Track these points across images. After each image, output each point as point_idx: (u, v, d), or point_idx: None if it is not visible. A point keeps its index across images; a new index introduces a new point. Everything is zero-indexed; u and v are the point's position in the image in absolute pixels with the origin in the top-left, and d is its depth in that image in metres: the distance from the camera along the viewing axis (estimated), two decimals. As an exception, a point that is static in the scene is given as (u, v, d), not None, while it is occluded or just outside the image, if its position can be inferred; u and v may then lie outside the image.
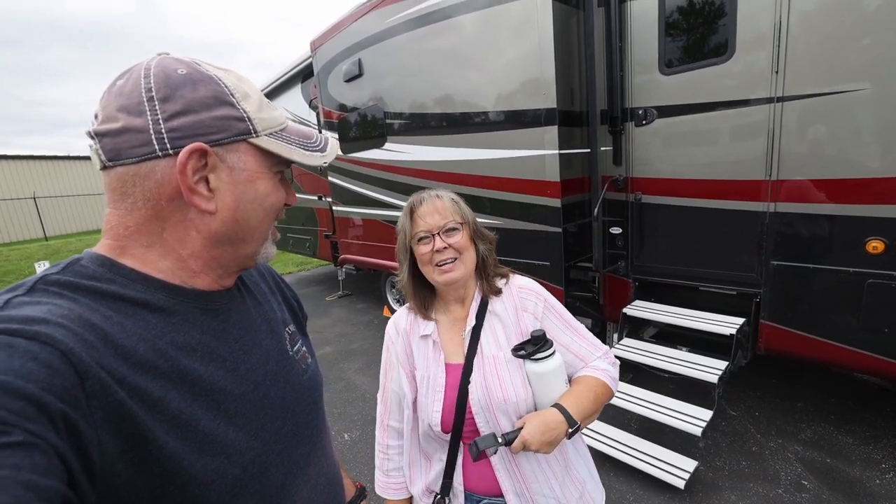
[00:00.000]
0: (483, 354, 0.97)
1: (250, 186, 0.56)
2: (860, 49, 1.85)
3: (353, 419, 2.97)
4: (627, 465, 2.24)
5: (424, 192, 1.01)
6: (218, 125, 0.52)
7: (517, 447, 0.84)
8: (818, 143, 2.01)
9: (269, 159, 0.57)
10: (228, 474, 0.51)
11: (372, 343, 4.41)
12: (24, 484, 0.33)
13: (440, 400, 0.95)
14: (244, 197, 0.56)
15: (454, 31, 3.04)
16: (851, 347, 2.04)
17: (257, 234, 0.59)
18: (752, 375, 3.04)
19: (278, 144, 0.57)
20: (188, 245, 0.55)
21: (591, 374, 1.00)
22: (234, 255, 0.59)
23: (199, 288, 0.57)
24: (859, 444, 2.32)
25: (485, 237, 1.03)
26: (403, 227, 1.00)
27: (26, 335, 0.39)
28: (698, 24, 2.31)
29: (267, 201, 0.58)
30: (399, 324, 1.08)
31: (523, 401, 0.92)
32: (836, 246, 2.02)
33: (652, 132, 2.54)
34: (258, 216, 0.58)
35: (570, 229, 2.78)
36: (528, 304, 1.00)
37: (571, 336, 1.02)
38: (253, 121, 0.55)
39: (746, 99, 2.17)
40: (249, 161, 0.55)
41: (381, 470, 1.12)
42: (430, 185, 3.57)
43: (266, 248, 0.62)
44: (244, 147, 0.55)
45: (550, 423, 0.86)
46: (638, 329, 2.78)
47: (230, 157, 0.54)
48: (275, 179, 0.59)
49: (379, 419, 1.13)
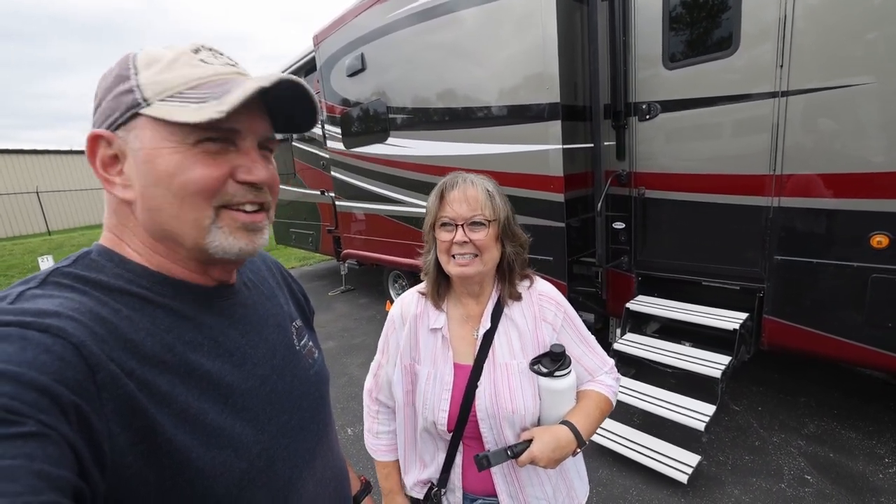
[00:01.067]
0: (495, 360, 0.94)
1: (150, 166, 0.49)
2: (865, 43, 1.83)
3: (356, 414, 2.99)
4: (630, 460, 2.24)
5: (460, 176, 0.94)
6: (112, 106, 0.49)
7: (524, 461, 0.83)
8: (823, 138, 2.00)
9: (177, 129, 0.48)
10: (236, 468, 0.51)
11: (374, 338, 4.40)
12: (37, 474, 0.34)
13: (447, 399, 0.93)
14: (146, 180, 0.49)
15: (457, 25, 3.02)
16: (855, 342, 2.04)
17: (179, 223, 0.51)
18: (754, 370, 3.04)
19: (168, 107, 0.48)
20: (140, 235, 0.53)
21: (597, 390, 0.98)
22: (179, 253, 0.53)
23: (195, 282, 0.56)
24: (863, 438, 2.32)
25: (515, 238, 0.96)
26: (431, 208, 0.95)
27: (39, 328, 0.40)
28: (702, 17, 2.30)
29: (174, 181, 0.49)
30: (407, 309, 1.03)
31: (531, 413, 0.91)
32: (840, 241, 2.02)
33: (656, 127, 2.53)
34: (167, 198, 0.49)
35: (573, 224, 2.78)
36: (548, 314, 0.97)
37: (584, 350, 1.01)
38: (142, 88, 0.48)
39: (751, 93, 2.16)
40: (145, 136, 0.49)
41: (371, 433, 1.10)
42: (432, 180, 3.57)
43: (214, 238, 0.52)
44: (141, 122, 0.49)
45: (562, 440, 0.85)
46: (641, 324, 2.79)
47: (130, 136, 0.49)
48: (189, 151, 0.49)
49: (368, 389, 1.12)
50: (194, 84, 0.49)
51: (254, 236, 0.55)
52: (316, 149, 5.39)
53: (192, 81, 0.49)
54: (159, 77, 0.48)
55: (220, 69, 0.52)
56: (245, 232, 0.54)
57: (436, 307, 1.00)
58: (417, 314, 1.02)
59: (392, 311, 1.06)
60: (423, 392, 0.96)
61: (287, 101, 0.56)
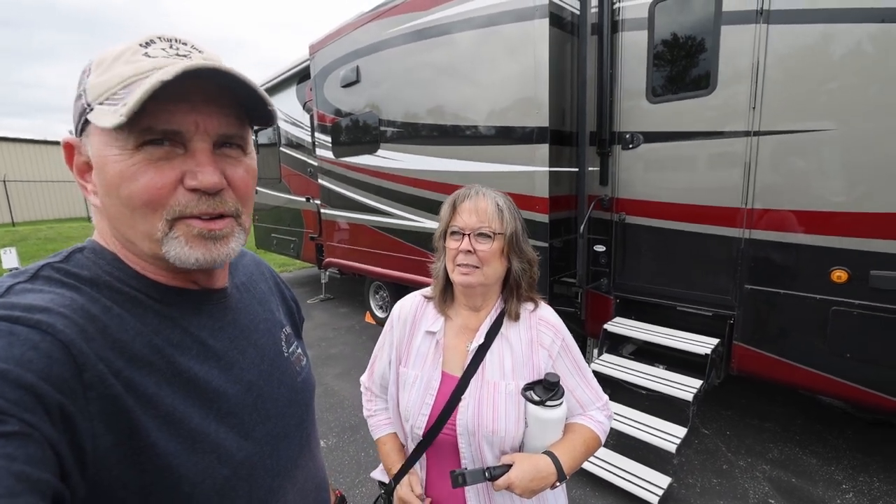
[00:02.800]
0: (483, 377, 0.92)
1: (101, 175, 0.47)
2: (828, 92, 1.99)
3: (331, 426, 2.93)
4: (603, 480, 2.27)
5: (473, 188, 0.96)
6: (74, 112, 0.49)
7: (500, 485, 0.82)
8: (790, 176, 2.13)
9: (118, 135, 0.45)
10: (218, 474, 0.50)
11: (353, 349, 4.37)
12: (17, 475, 0.33)
13: (430, 405, 0.93)
14: (101, 189, 0.48)
15: (452, 46, 3.11)
16: (816, 371, 2.14)
17: (135, 233, 0.48)
18: (724, 394, 3.14)
19: (100, 111, 0.45)
20: (117, 241, 0.52)
21: (587, 425, 0.96)
22: (144, 255, 0.51)
23: (183, 287, 0.55)
24: (822, 464, 2.42)
25: (523, 255, 0.96)
26: (444, 216, 0.97)
27: (28, 323, 0.39)
28: (683, 56, 2.44)
29: (121, 192, 0.46)
30: (406, 309, 1.05)
31: (512, 437, 0.89)
32: (804, 273, 2.14)
33: (637, 156, 2.64)
34: (119, 208, 0.47)
35: (555, 244, 2.85)
36: (545, 340, 0.96)
37: (578, 381, 0.99)
38: (87, 92, 0.46)
39: (726, 130, 2.29)
40: (94, 143, 0.47)
41: (368, 412, 1.12)
42: (420, 193, 3.61)
43: (169, 248, 0.48)
44: (91, 128, 0.47)
45: (542, 471, 0.83)
46: (618, 345, 2.85)
47: (88, 143, 0.48)
48: (128, 160, 0.45)
49: (364, 381, 1.15)
50: (128, 83, 0.45)
51: (213, 245, 0.50)
52: (304, 156, 5.38)
53: (127, 80, 0.45)
54: (99, 79, 0.46)
55: (159, 62, 0.46)
56: (202, 241, 0.49)
57: (439, 312, 1.01)
58: (416, 315, 1.03)
59: (393, 310, 1.07)
60: (408, 394, 0.96)
61: (242, 91, 0.50)
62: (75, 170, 0.50)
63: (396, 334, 1.03)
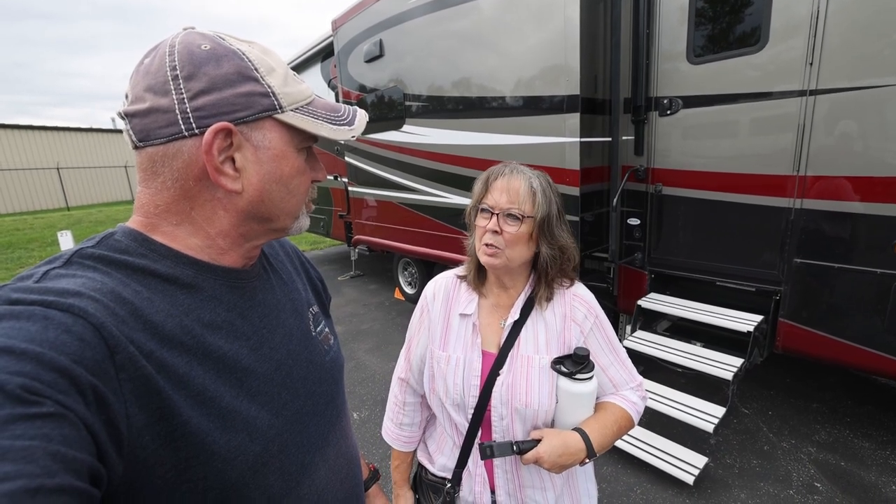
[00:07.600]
0: (518, 352, 0.92)
1: (276, 165, 0.54)
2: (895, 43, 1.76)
3: (363, 399, 3.02)
4: (636, 458, 2.24)
5: (509, 166, 0.93)
6: (242, 102, 0.51)
7: (529, 459, 0.82)
8: (850, 139, 1.93)
9: (296, 135, 0.55)
10: (250, 451, 0.51)
11: (382, 324, 4.45)
12: (53, 455, 0.34)
13: (477, 386, 0.92)
14: (270, 176, 0.54)
15: (476, 13, 2.98)
16: (874, 350, 1.99)
17: (285, 213, 0.58)
18: (765, 373, 3.00)
19: (304, 119, 0.55)
20: (216, 224, 0.55)
21: (619, 404, 0.94)
22: (263, 231, 0.59)
23: (225, 265, 0.57)
24: (876, 448, 2.28)
25: (554, 240, 0.92)
26: (476, 193, 0.94)
27: (61, 307, 0.40)
28: (729, 11, 2.23)
29: (293, 181, 0.57)
30: (439, 289, 1.03)
31: (545, 411, 0.88)
32: (863, 246, 1.96)
33: (676, 122, 2.47)
34: (282, 195, 0.56)
35: (587, 218, 2.75)
36: (578, 315, 0.94)
37: (612, 360, 0.97)
38: (278, 96, 0.53)
39: (777, 91, 2.10)
40: (274, 138, 0.54)
41: (394, 422, 1.09)
42: (446, 168, 3.55)
43: (300, 221, 0.62)
44: (269, 124, 0.53)
45: (571, 447, 0.83)
46: (651, 322, 2.76)
47: (255, 134, 0.52)
48: (301, 157, 0.57)
49: (398, 373, 1.10)
50: (307, 101, 0.56)
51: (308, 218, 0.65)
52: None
53: (307, 99, 0.56)
54: (287, 89, 0.54)
55: (310, 87, 0.60)
56: (307, 215, 0.64)
57: (474, 290, 1.00)
58: (450, 296, 1.01)
59: (425, 292, 1.05)
60: (453, 378, 0.94)
61: None
62: (216, 151, 0.50)
63: (432, 316, 1.01)
